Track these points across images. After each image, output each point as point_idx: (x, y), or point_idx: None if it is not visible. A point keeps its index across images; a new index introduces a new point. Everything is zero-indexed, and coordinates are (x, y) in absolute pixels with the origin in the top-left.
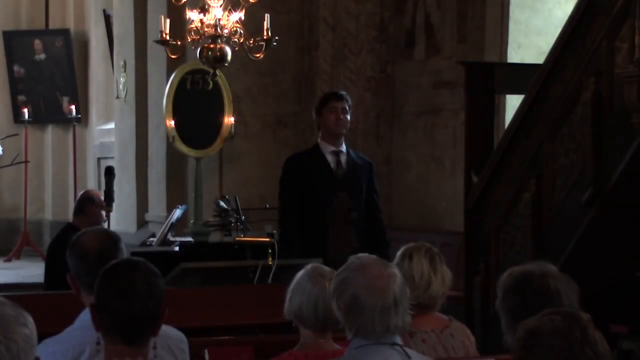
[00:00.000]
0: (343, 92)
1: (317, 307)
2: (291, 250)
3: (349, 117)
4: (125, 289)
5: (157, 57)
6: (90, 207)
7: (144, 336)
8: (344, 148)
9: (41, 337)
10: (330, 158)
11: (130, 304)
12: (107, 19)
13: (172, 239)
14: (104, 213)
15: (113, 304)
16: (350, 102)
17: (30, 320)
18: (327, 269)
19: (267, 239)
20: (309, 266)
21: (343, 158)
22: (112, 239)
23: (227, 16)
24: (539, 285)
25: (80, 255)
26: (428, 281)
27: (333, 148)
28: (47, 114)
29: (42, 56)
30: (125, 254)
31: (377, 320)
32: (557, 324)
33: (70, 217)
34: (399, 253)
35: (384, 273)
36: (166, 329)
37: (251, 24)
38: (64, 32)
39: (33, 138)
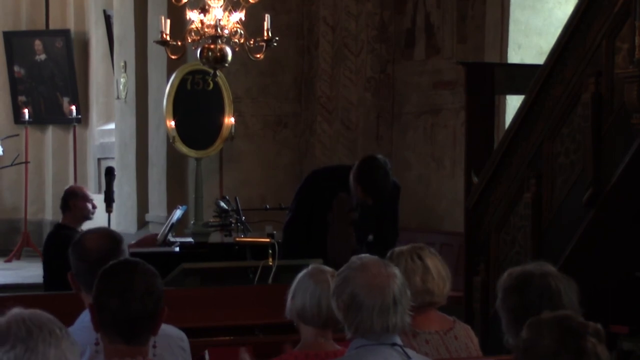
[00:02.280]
0: (388, 190)
1: (321, 304)
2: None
3: None
4: (124, 288)
5: (157, 57)
6: (74, 201)
7: (144, 335)
8: None
9: None
10: (354, 197)
11: (129, 304)
12: (108, 20)
13: (172, 239)
14: (90, 206)
15: (113, 304)
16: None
17: (70, 335)
18: (327, 267)
19: (267, 240)
20: (309, 267)
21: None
22: (115, 240)
23: (228, 17)
24: (539, 285)
25: (81, 255)
26: (444, 279)
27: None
28: (48, 114)
29: (43, 57)
30: (126, 255)
31: (375, 319)
32: (554, 347)
33: None
34: (396, 251)
35: (383, 272)
36: (166, 328)
37: (251, 25)
38: (65, 33)
39: (33, 138)
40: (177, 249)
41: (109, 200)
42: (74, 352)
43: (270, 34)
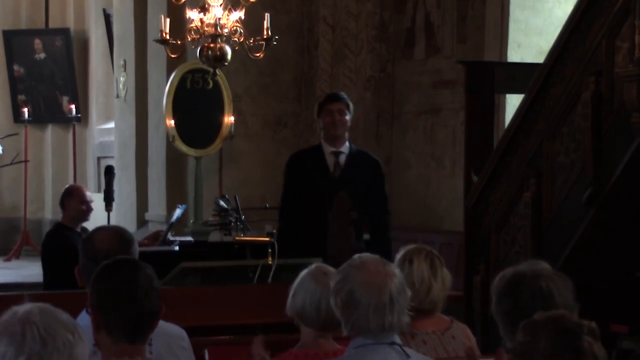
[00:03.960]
0: (341, 93)
1: (320, 307)
2: (284, 248)
3: (347, 117)
4: (130, 287)
5: (157, 56)
6: (69, 201)
7: (147, 333)
8: (345, 149)
9: None
10: (329, 159)
11: (137, 301)
12: (107, 18)
13: (172, 238)
14: (84, 207)
15: (119, 303)
16: (349, 102)
17: (82, 334)
18: (331, 268)
19: (267, 239)
20: (313, 265)
21: (342, 158)
22: (125, 240)
23: (227, 15)
24: (531, 287)
25: (90, 253)
26: (428, 287)
27: (333, 149)
28: (47, 113)
29: (42, 55)
30: (137, 255)
31: (371, 317)
32: (552, 349)
33: None
34: (398, 256)
35: (381, 271)
36: (167, 327)
37: (251, 24)
38: (64, 32)
39: (33, 137)
40: (176, 248)
41: (108, 199)
42: (85, 354)
43: (270, 33)
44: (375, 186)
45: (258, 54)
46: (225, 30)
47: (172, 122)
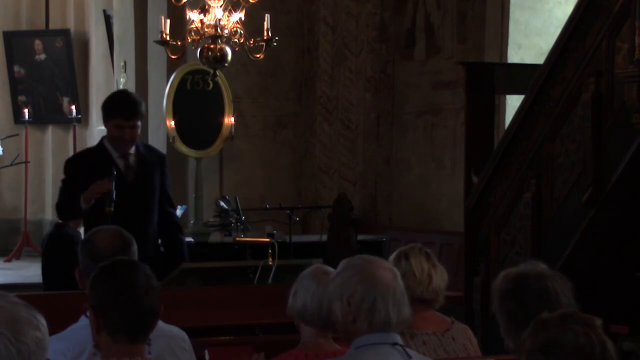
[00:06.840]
0: (137, 106)
1: (322, 305)
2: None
3: (138, 131)
4: (131, 287)
5: (157, 57)
6: None
7: (148, 332)
8: (133, 149)
9: None
10: (119, 163)
11: (139, 301)
12: (108, 19)
13: None
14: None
15: (122, 303)
16: (142, 110)
17: (42, 322)
18: (330, 268)
19: (267, 239)
20: (312, 266)
21: (132, 160)
22: (126, 241)
23: (228, 16)
24: (536, 287)
25: (90, 254)
26: (429, 275)
27: (121, 151)
28: (48, 114)
29: (43, 56)
30: (136, 256)
31: (378, 316)
32: (581, 340)
33: None
34: (392, 256)
35: (386, 269)
36: (168, 328)
37: (251, 24)
38: (64, 33)
39: (33, 138)
40: None
41: (109, 200)
42: (48, 336)
43: (270, 34)
44: (162, 182)
45: (258, 55)
46: (226, 31)
47: (173, 123)
